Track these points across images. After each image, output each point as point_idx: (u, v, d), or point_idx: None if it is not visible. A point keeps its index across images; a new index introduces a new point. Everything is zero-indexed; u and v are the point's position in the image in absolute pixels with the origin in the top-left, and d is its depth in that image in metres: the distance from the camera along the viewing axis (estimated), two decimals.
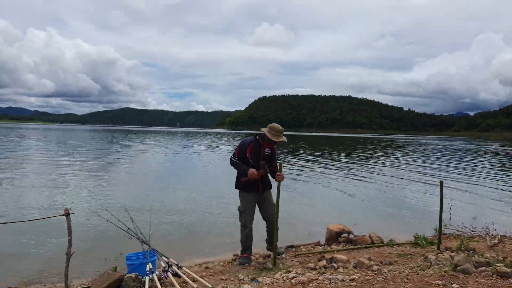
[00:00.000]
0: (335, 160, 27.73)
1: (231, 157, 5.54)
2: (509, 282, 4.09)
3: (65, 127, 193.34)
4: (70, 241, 4.61)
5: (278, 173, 5.42)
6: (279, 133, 5.44)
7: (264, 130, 5.52)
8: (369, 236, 7.04)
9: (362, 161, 27.40)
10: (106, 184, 13.50)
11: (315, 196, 12.70)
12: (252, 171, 5.35)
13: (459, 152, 43.75)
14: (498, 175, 20.02)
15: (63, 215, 4.57)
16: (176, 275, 4.67)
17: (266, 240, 6.02)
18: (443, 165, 25.61)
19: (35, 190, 11.96)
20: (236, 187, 5.68)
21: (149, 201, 10.53)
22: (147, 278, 4.30)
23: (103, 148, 34.26)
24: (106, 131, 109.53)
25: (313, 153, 35.27)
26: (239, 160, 5.50)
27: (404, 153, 40.32)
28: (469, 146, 63.12)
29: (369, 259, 5.51)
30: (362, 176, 17.86)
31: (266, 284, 4.37)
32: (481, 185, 15.63)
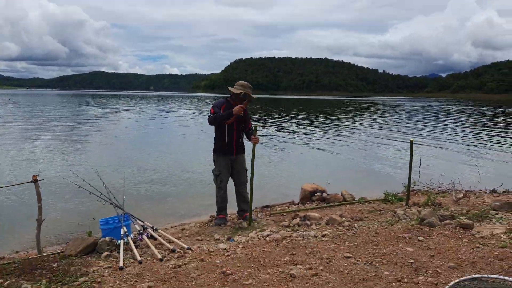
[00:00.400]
0: (310, 122, 27.96)
1: (208, 116, 5.46)
2: (470, 233, 4.31)
3: (33, 92, 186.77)
4: (40, 208, 4.58)
5: (253, 136, 5.45)
6: (241, 87, 5.48)
7: (229, 87, 5.59)
8: (342, 194, 7.23)
9: (337, 123, 27.74)
10: (77, 150, 13.28)
11: (290, 157, 12.85)
12: (237, 107, 5.28)
13: (432, 112, 44.74)
14: (467, 133, 20.65)
15: (31, 181, 4.50)
16: (151, 237, 4.71)
17: (237, 212, 6.02)
18: (416, 125, 26.21)
19: (2, 157, 11.67)
20: (214, 151, 5.64)
21: (123, 166, 10.45)
22: (121, 242, 4.32)
23: (74, 113, 33.46)
24: (76, 96, 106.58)
25: (289, 115, 35.41)
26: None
27: (379, 114, 40.96)
28: (443, 107, 64.53)
29: (341, 215, 5.68)
30: (337, 137, 18.12)
31: (241, 242, 4.46)
32: (450, 143, 16.14)
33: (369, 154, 13.65)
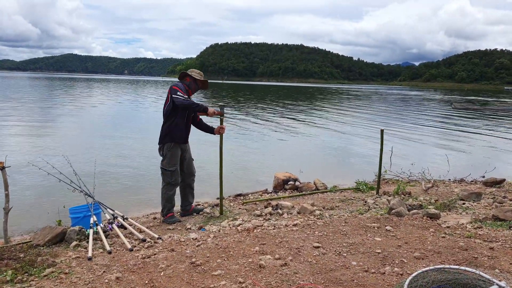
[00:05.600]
0: (284, 110, 28.04)
1: (181, 97, 4.92)
2: (437, 223, 4.43)
3: (2, 74, 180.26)
4: (7, 196, 4.45)
5: (222, 126, 5.34)
6: (200, 75, 5.28)
7: (190, 73, 5.24)
8: (314, 183, 7.31)
9: (312, 111, 27.90)
10: (47, 135, 12.94)
11: (264, 145, 12.88)
12: (213, 110, 5.09)
13: (407, 101, 45.51)
14: (438, 123, 21.13)
15: None
16: (121, 226, 4.65)
17: (180, 206, 5.62)
18: (388, 113, 26.62)
19: None
20: (170, 140, 5.15)
21: (94, 152, 10.25)
22: (91, 231, 4.25)
23: (45, 97, 32.51)
24: (48, 79, 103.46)
25: (264, 103, 35.41)
26: (186, 98, 5.05)
27: (353, 102, 41.39)
28: (419, 96, 65.73)
29: (313, 204, 5.75)
30: (311, 125, 18.25)
31: (212, 232, 4.46)
32: (421, 133, 16.49)
33: (342, 142, 13.82)
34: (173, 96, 4.98)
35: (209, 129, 5.51)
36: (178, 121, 5.14)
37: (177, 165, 5.21)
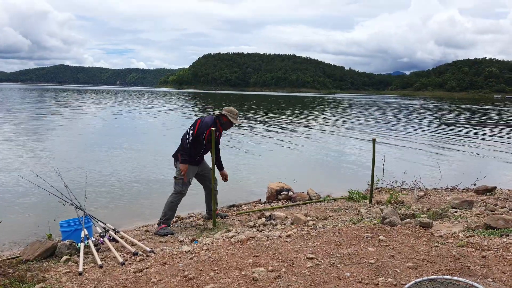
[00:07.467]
0: (277, 120, 28.09)
1: (187, 137, 5.27)
2: (430, 232, 4.43)
3: None
4: None
5: (226, 175, 5.93)
6: (237, 116, 5.54)
7: (224, 113, 5.48)
8: (307, 193, 7.30)
9: (304, 121, 27.98)
10: (37, 147, 12.80)
11: (257, 155, 12.86)
12: (185, 166, 5.32)
13: (399, 110, 45.85)
14: (429, 132, 21.27)
15: None
16: (113, 240, 4.60)
17: (206, 210, 6.04)
18: (380, 122, 26.77)
19: None
20: (184, 161, 5.34)
21: (85, 165, 10.15)
22: (82, 245, 4.20)
23: (35, 108, 32.28)
24: (39, 90, 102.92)
25: (257, 113, 35.47)
26: (193, 138, 5.29)
27: (344, 111, 41.61)
28: (411, 104, 66.22)
29: (306, 215, 5.74)
30: (303, 135, 18.28)
31: (205, 244, 4.43)
32: (413, 141, 16.58)
33: (335, 151, 13.85)
34: (189, 128, 5.35)
35: (220, 165, 5.88)
36: (196, 149, 5.41)
37: (189, 176, 5.46)
